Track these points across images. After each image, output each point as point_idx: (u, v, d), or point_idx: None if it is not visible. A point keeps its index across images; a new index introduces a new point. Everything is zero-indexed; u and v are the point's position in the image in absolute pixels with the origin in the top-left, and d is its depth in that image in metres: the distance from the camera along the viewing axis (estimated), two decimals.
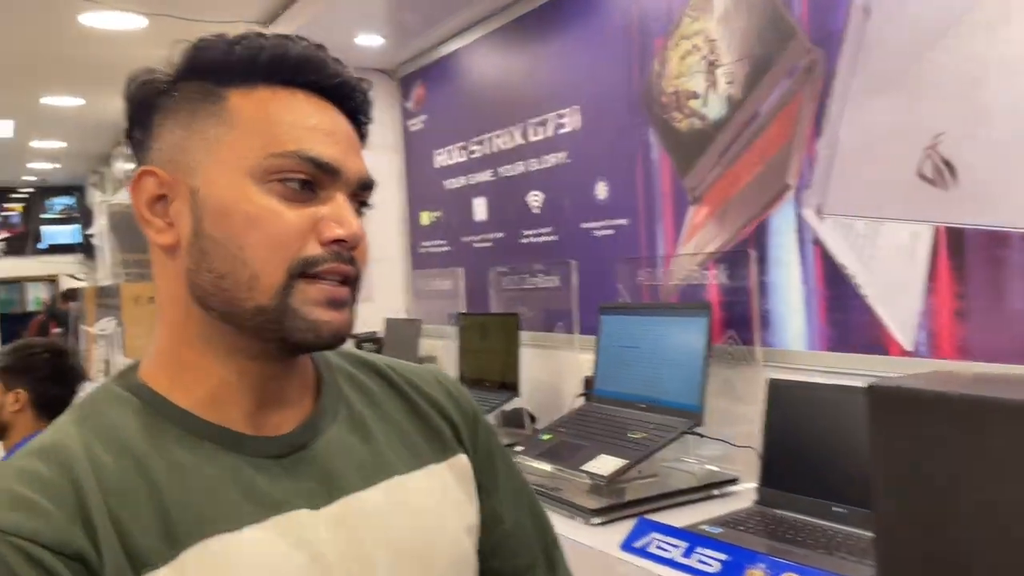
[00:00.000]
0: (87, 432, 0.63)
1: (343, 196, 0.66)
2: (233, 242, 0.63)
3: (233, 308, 0.64)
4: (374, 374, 0.79)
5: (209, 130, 0.65)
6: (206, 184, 0.65)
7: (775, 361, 1.82)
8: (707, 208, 1.98)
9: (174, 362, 0.67)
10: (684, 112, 2.02)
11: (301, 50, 0.67)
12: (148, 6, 2.91)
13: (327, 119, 0.67)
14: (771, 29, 1.79)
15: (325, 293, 0.64)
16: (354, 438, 0.73)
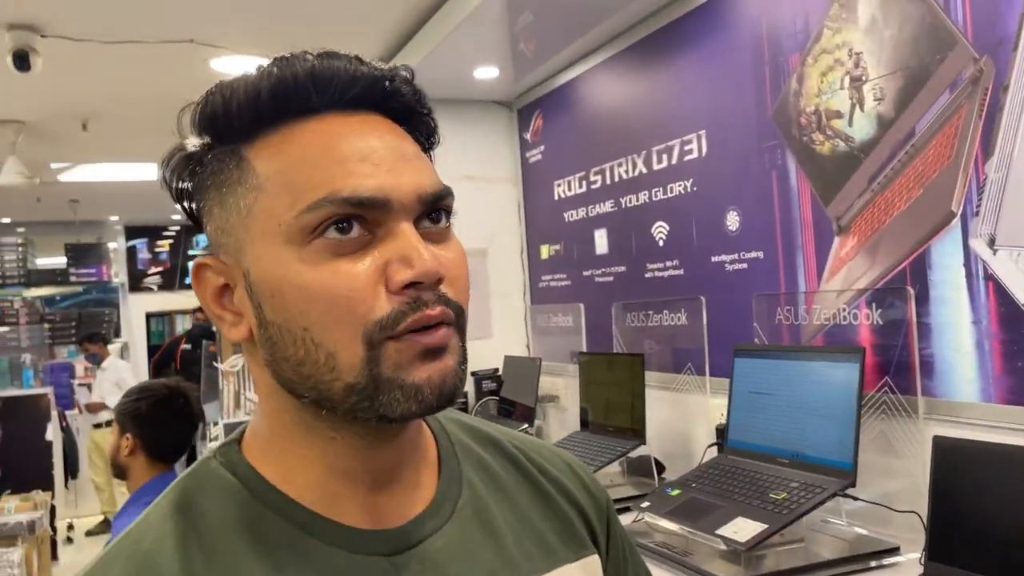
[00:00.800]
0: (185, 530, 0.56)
1: (406, 224, 0.55)
2: (296, 324, 0.54)
3: (322, 393, 0.55)
4: (500, 455, 0.69)
5: (240, 200, 0.56)
6: (253, 263, 0.56)
7: (939, 413, 1.59)
8: (855, 239, 1.77)
9: (276, 449, 0.60)
10: (826, 133, 1.83)
11: (302, 70, 0.56)
12: (270, 49, 2.96)
13: (357, 140, 0.56)
14: (928, 38, 1.58)
15: (416, 348, 0.54)
16: (478, 533, 0.63)
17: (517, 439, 0.72)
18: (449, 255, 0.57)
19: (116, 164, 5.44)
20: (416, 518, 0.60)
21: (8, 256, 8.34)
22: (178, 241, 9.31)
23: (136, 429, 1.98)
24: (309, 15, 2.69)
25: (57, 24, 2.60)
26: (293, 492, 0.58)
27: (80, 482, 6.32)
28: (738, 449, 1.89)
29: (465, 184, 3.26)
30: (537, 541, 0.65)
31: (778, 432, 1.79)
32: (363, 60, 0.58)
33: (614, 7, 2.38)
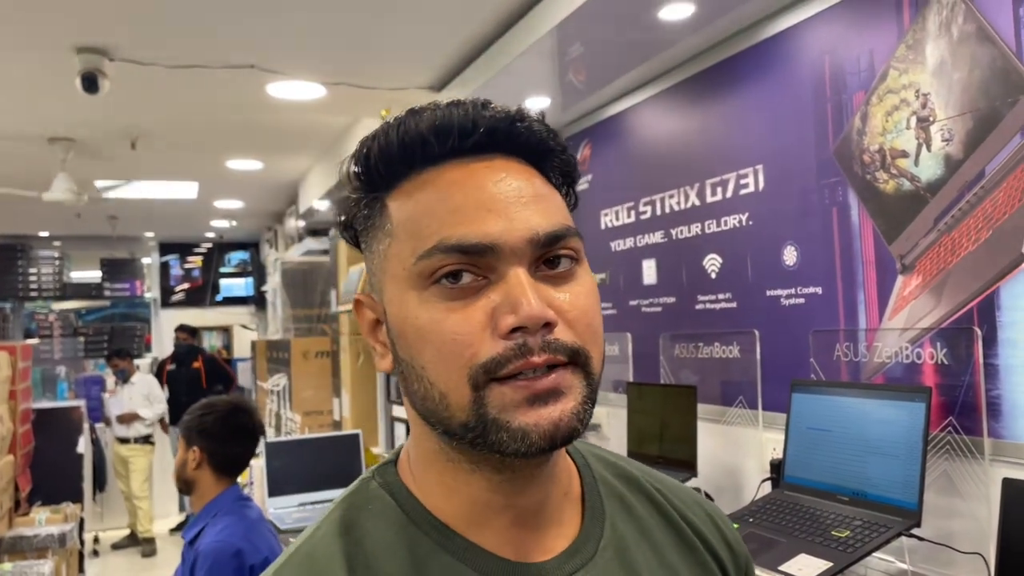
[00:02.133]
0: (351, 549, 0.59)
1: (516, 270, 0.56)
2: (416, 362, 0.58)
3: (445, 426, 0.58)
4: (642, 495, 0.70)
5: (379, 245, 0.61)
6: (388, 304, 0.60)
7: (1007, 455, 1.59)
8: (920, 278, 1.78)
9: (423, 474, 0.63)
10: (891, 172, 1.84)
11: (425, 121, 0.58)
12: (327, 75, 3.03)
13: (472, 188, 0.58)
14: (999, 80, 1.59)
15: (522, 391, 0.55)
16: (620, 573, 0.63)
17: (657, 480, 0.72)
18: (568, 297, 0.58)
19: (159, 182, 5.55)
20: (561, 554, 0.61)
21: (45, 269, 8.49)
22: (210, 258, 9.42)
23: (203, 443, 2.01)
24: (365, 44, 2.74)
25: (125, 48, 2.68)
26: (444, 516, 0.61)
27: (107, 495, 6.37)
28: (795, 485, 1.89)
29: None
30: None
31: (838, 469, 1.79)
32: (487, 105, 0.60)
33: (668, 42, 2.41)
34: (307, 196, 5.76)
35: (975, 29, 1.64)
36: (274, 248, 7.82)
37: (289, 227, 7.01)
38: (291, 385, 4.48)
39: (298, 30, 2.61)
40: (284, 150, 4.79)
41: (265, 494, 3.19)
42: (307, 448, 3.38)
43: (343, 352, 4.22)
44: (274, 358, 4.91)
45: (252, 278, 9.30)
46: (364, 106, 3.43)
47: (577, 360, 0.57)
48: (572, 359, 0.56)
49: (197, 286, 9.40)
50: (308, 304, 5.00)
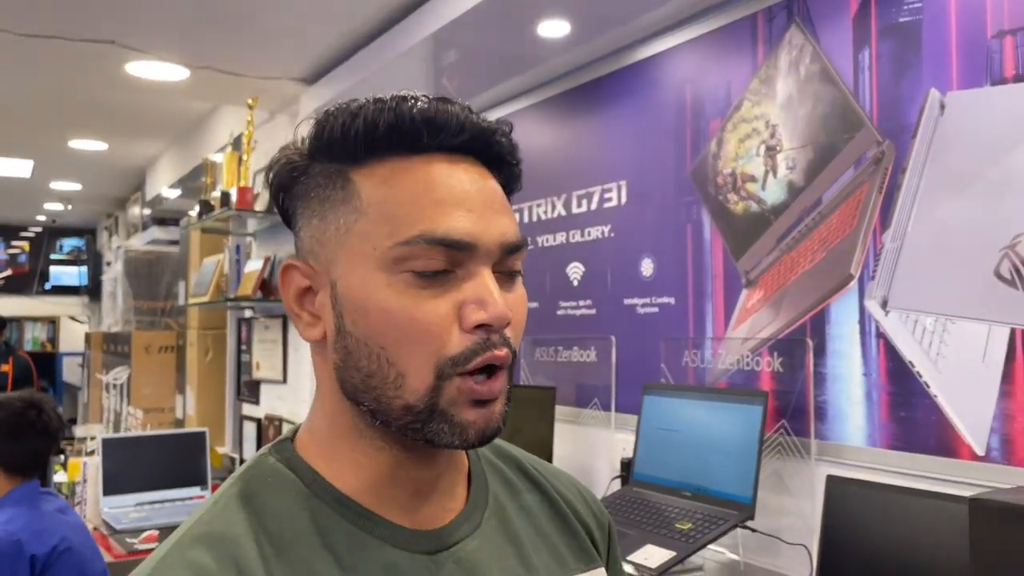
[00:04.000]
0: (254, 519, 0.60)
1: (485, 270, 0.59)
2: (375, 341, 0.59)
3: (382, 406, 0.60)
4: (521, 473, 0.75)
5: (340, 218, 0.61)
6: (343, 277, 0.61)
7: (830, 456, 1.76)
8: (762, 292, 1.94)
9: (330, 448, 0.64)
10: (740, 194, 2.00)
11: (419, 112, 0.60)
12: (192, 58, 2.92)
13: (456, 186, 0.60)
14: (838, 118, 1.78)
15: (473, 393, 0.59)
16: (502, 539, 0.68)
17: (534, 460, 0.78)
18: (514, 301, 0.62)
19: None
20: (452, 522, 0.65)
21: None
22: (39, 243, 8.75)
23: None
24: (237, 28, 2.67)
25: None
26: (347, 488, 0.63)
27: None
28: (643, 482, 2.01)
29: None
30: (552, 552, 0.71)
31: (683, 467, 1.92)
32: (472, 110, 0.63)
33: (543, 57, 2.51)
34: (155, 183, 5.49)
35: (819, 69, 1.82)
36: (114, 236, 7.36)
37: (132, 214, 6.64)
38: (131, 381, 4.25)
39: (167, 6, 2.51)
40: (134, 133, 4.55)
41: (99, 493, 3.01)
42: (148, 446, 3.22)
43: (190, 347, 4.06)
44: (112, 351, 4.63)
45: (86, 267, 8.70)
46: (228, 93, 3.33)
47: (512, 363, 0.61)
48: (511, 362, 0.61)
49: (22, 272, 8.69)
50: (152, 296, 4.76)
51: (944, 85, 1.58)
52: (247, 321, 3.73)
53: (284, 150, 0.64)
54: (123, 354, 4.41)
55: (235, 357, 3.88)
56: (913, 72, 1.64)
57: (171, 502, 3.09)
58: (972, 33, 1.54)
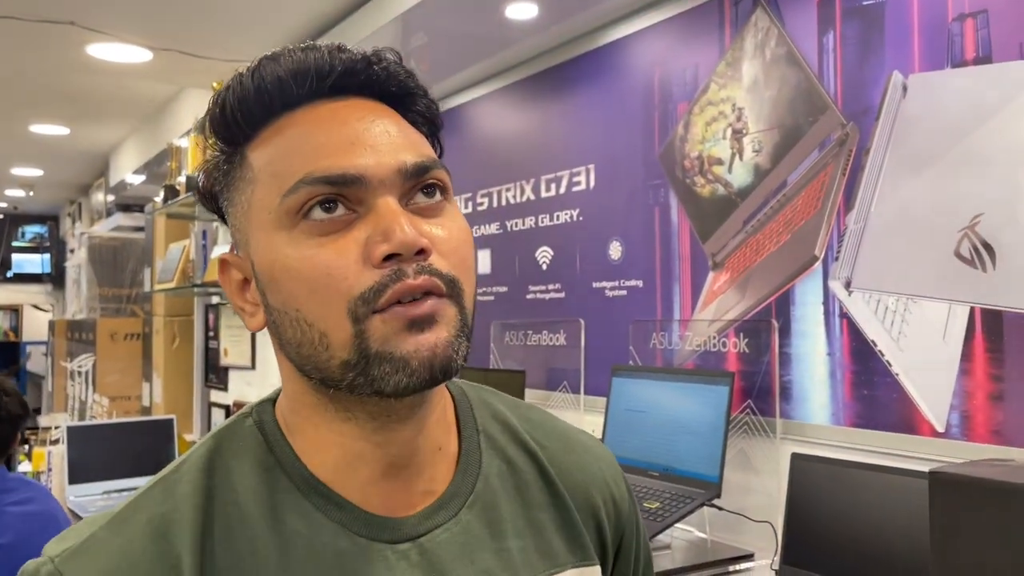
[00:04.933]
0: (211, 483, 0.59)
1: (386, 199, 0.56)
2: (290, 306, 0.56)
3: (323, 373, 0.57)
4: (521, 448, 0.69)
5: (242, 196, 0.59)
6: (255, 253, 0.58)
7: (795, 434, 1.79)
8: (728, 275, 1.96)
9: (297, 425, 0.62)
10: (707, 177, 2.01)
11: (282, 66, 0.58)
12: (155, 40, 2.87)
13: (336, 124, 0.57)
14: (803, 101, 1.79)
15: (400, 318, 0.54)
16: (482, 531, 0.64)
17: (545, 435, 0.71)
18: (441, 229, 0.58)
19: None
20: (423, 511, 0.62)
21: None
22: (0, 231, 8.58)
23: None
24: (201, 10, 2.63)
25: None
26: (311, 463, 0.60)
27: None
28: None
29: None
30: (540, 545, 0.66)
31: (651, 447, 1.94)
32: (344, 48, 0.59)
33: (512, 40, 2.50)
34: (119, 168, 5.40)
35: (785, 52, 1.83)
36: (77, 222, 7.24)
37: (96, 201, 6.53)
38: (96, 369, 4.19)
39: None
40: (97, 117, 4.47)
41: (65, 481, 2.98)
42: (114, 433, 3.18)
43: (156, 334, 4.01)
44: (77, 339, 4.56)
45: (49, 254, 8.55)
46: (192, 76, 3.28)
47: (452, 291, 0.56)
48: (447, 289, 0.56)
49: None
50: (117, 283, 4.69)
51: (906, 67, 1.60)
52: (214, 307, 3.69)
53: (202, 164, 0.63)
54: (88, 342, 4.34)
55: (203, 344, 3.84)
56: (876, 55, 1.66)
57: None
58: (933, 16, 1.56)
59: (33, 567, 0.57)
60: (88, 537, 0.57)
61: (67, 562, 0.56)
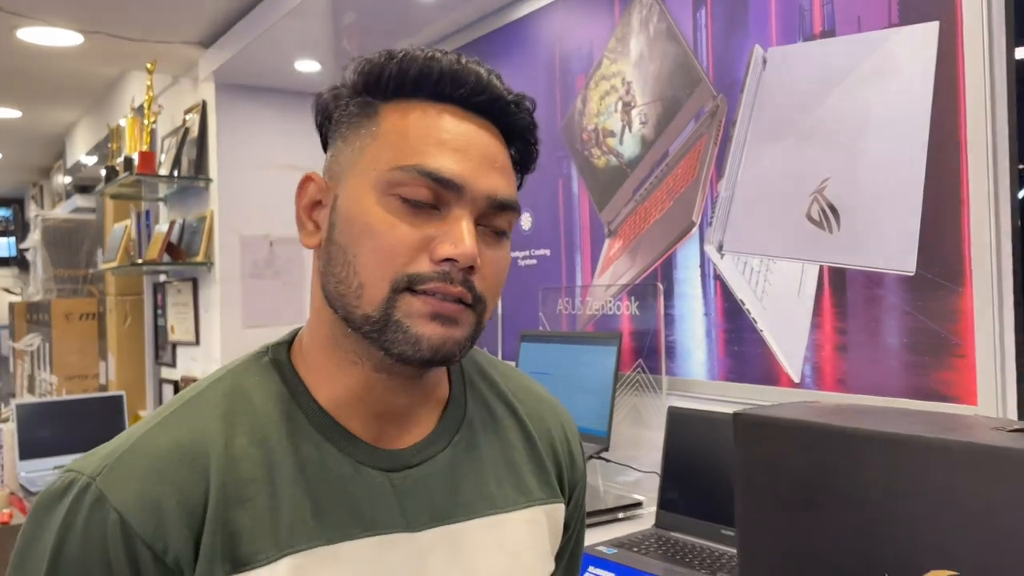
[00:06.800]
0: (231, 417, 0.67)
1: (466, 215, 0.65)
2: (350, 250, 0.65)
3: (348, 313, 0.66)
4: (502, 402, 0.80)
5: (359, 141, 0.68)
6: (343, 192, 0.67)
7: (678, 390, 1.90)
8: (621, 241, 2.06)
9: (312, 358, 0.70)
10: (602, 149, 2.11)
11: (447, 65, 0.67)
12: (83, 23, 2.92)
13: (463, 135, 0.66)
14: (681, 74, 1.89)
15: (430, 306, 0.63)
16: (466, 466, 0.73)
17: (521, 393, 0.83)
18: (493, 256, 0.68)
19: None
20: (415, 444, 0.71)
21: None
22: None
23: None
24: None
25: None
26: (321, 399, 0.69)
27: None
28: None
29: (286, 173, 3.34)
30: (516, 482, 0.76)
31: None
32: (500, 78, 0.70)
33: (432, 18, 2.57)
34: (75, 150, 5.42)
35: (665, 28, 1.92)
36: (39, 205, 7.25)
37: (56, 183, 6.54)
38: (52, 348, 4.25)
39: None
40: (46, 100, 4.49)
41: (16, 457, 3.07)
42: (64, 410, 3.27)
43: (109, 314, 4.08)
44: (34, 321, 4.62)
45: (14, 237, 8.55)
46: (128, 58, 3.33)
47: (476, 307, 0.66)
48: (474, 304, 0.66)
49: None
50: (73, 264, 4.74)
51: (766, 41, 1.70)
52: (162, 286, 3.76)
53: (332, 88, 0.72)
54: (44, 323, 4.40)
55: (152, 322, 3.92)
56: (741, 29, 1.75)
57: None
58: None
59: (64, 484, 0.63)
60: (122, 456, 0.63)
61: (108, 479, 0.62)
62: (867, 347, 1.52)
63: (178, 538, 0.61)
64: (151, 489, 0.62)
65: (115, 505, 0.61)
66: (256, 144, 3.30)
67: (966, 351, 1.37)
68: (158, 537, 0.61)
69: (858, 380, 1.53)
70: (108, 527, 0.60)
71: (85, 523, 0.61)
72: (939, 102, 1.40)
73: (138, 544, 0.61)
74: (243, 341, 3.25)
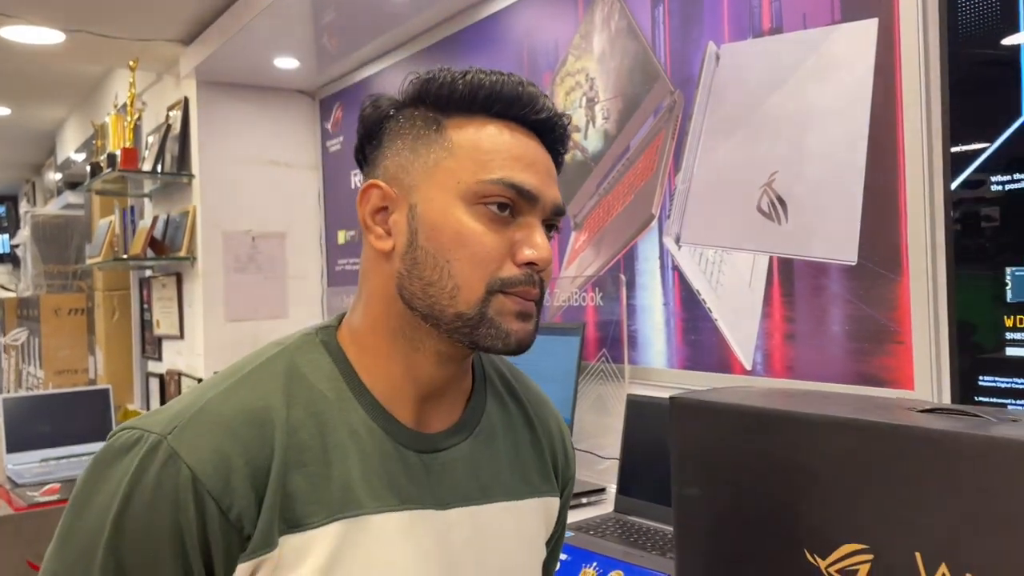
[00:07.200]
0: (290, 389, 0.72)
1: (538, 221, 0.74)
2: (442, 255, 0.71)
3: (435, 312, 0.72)
4: (513, 398, 0.88)
5: (430, 154, 0.73)
6: (423, 202, 0.73)
7: (639, 378, 1.95)
8: (586, 234, 2.11)
9: (366, 345, 0.76)
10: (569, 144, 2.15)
11: (514, 87, 0.74)
12: (64, 22, 2.96)
13: (530, 151, 0.74)
14: (641, 70, 1.93)
15: (519, 306, 0.72)
16: (485, 453, 0.81)
17: (530, 392, 0.92)
18: (551, 256, 0.76)
19: None
20: (446, 430, 0.78)
21: None
22: None
23: None
24: None
25: None
26: (368, 381, 0.75)
27: None
28: None
29: (268, 169, 3.38)
30: (523, 474, 0.84)
31: None
32: (548, 97, 0.77)
33: (403, 16, 2.61)
34: (65, 147, 5.46)
35: (626, 25, 1.96)
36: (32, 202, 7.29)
37: (48, 180, 6.58)
38: (42, 343, 4.30)
39: None
40: (33, 98, 4.54)
41: (3, 450, 3.12)
42: (51, 404, 3.32)
43: (98, 309, 4.12)
44: (25, 316, 4.67)
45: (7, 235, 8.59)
46: (111, 56, 3.36)
47: (541, 300, 0.75)
48: (540, 298, 0.75)
49: None
50: (63, 260, 4.78)
51: (719, 38, 1.74)
52: (147, 280, 3.81)
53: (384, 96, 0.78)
54: (34, 318, 4.45)
55: (139, 316, 3.96)
56: (696, 26, 1.79)
57: (76, 457, 3.20)
58: None
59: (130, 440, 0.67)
60: (194, 416, 0.68)
61: (179, 438, 0.67)
62: (813, 335, 1.57)
63: (244, 496, 0.66)
64: (222, 448, 0.67)
65: (188, 462, 0.65)
66: (237, 140, 3.34)
67: (904, 338, 1.42)
68: (226, 494, 0.66)
69: (805, 367, 1.58)
70: (180, 482, 0.65)
71: (157, 477, 0.65)
72: (878, 97, 1.45)
73: (207, 500, 0.65)
74: (226, 335, 3.29)
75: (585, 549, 1.50)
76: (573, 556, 1.45)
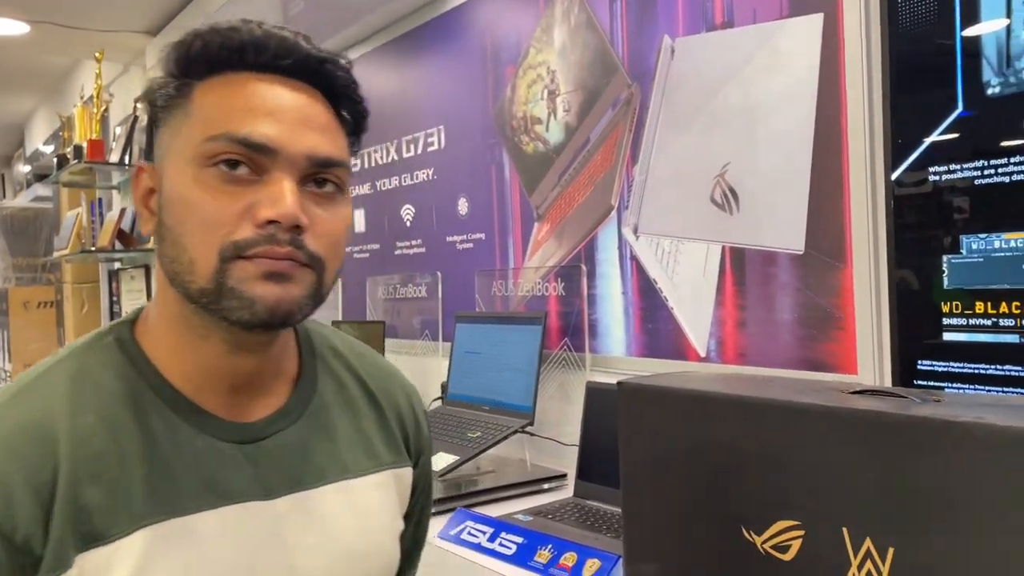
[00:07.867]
0: (77, 396, 0.67)
1: (286, 176, 0.66)
2: (176, 228, 0.66)
3: (185, 290, 0.67)
4: (356, 381, 0.85)
5: (175, 122, 0.68)
6: (166, 174, 0.68)
7: (600, 367, 1.99)
8: (548, 225, 2.14)
9: (160, 336, 0.72)
10: (531, 136, 2.18)
11: (248, 34, 0.67)
12: (28, 12, 2.94)
13: (271, 98, 0.67)
14: (600, 63, 1.96)
15: (261, 267, 0.65)
16: (317, 435, 0.77)
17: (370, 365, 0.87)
18: (324, 215, 0.68)
19: None
20: (267, 417, 0.74)
21: None
22: None
23: None
24: None
25: None
26: (169, 376, 0.70)
27: None
28: (455, 400, 2.22)
29: None
30: (366, 449, 0.81)
31: (483, 384, 2.13)
32: (309, 40, 0.70)
33: (367, 9, 2.63)
34: (33, 139, 5.42)
35: (585, 18, 1.99)
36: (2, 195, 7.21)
37: (17, 172, 6.52)
38: (10, 336, 4.28)
39: None
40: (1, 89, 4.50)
41: None
42: None
43: (67, 301, 4.11)
44: None
45: None
46: (77, 47, 3.35)
47: (314, 266, 0.67)
48: (310, 263, 0.67)
49: None
50: (32, 253, 4.76)
51: (674, 31, 1.77)
52: (116, 273, 3.80)
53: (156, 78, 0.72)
54: (3, 311, 4.42)
55: (108, 308, 3.95)
56: (652, 20, 1.82)
57: None
58: None
59: None
60: None
61: None
62: (764, 322, 1.61)
63: (28, 516, 0.62)
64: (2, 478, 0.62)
65: None
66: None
67: (847, 324, 1.46)
68: (7, 517, 0.61)
69: (756, 353, 1.62)
70: None
71: None
72: (824, 90, 1.49)
73: None
74: None
75: (541, 532, 1.53)
76: (529, 539, 1.49)
